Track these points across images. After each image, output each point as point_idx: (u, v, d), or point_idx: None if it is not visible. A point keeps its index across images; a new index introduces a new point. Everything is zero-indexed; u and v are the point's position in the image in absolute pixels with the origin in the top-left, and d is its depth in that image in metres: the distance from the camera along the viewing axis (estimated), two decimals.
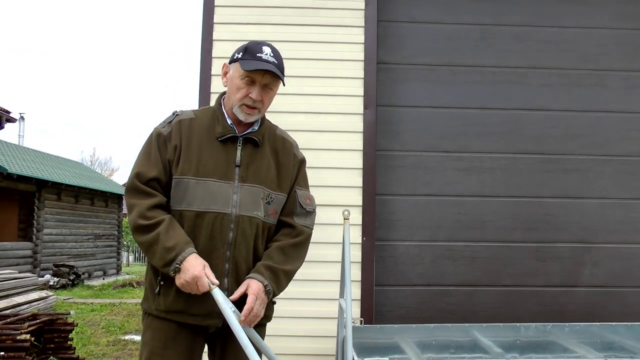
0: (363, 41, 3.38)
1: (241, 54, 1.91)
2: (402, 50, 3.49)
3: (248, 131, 1.95)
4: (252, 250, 1.92)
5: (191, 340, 1.89)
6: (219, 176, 1.88)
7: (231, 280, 1.88)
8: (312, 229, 2.04)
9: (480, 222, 3.40)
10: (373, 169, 3.31)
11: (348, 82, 3.36)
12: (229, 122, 1.94)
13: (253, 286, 1.82)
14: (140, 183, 1.86)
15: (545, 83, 3.50)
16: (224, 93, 2.02)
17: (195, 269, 1.75)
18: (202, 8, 3.37)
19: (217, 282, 1.78)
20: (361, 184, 3.29)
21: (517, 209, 3.41)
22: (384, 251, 3.35)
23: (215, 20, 3.36)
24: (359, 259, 3.23)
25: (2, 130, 13.80)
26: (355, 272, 3.19)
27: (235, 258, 1.88)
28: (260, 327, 1.97)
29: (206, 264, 1.80)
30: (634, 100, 3.52)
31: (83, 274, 15.16)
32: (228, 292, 1.86)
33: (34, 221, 14.20)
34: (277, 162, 1.99)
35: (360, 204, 3.27)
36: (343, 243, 2.49)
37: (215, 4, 3.38)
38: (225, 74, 1.99)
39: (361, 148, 3.31)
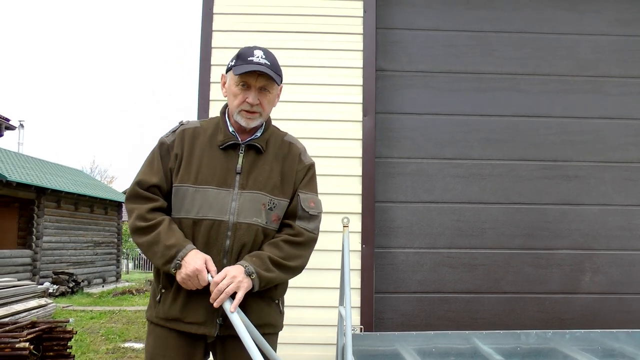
0: (362, 48, 3.39)
1: (234, 61, 1.92)
2: (401, 57, 3.50)
3: (250, 138, 1.95)
4: None
5: (190, 349, 1.88)
6: (218, 183, 1.87)
7: None
8: (315, 234, 1.94)
9: (480, 229, 3.39)
10: (372, 176, 3.31)
11: (347, 89, 3.36)
12: (231, 129, 1.94)
13: (229, 268, 1.80)
14: (141, 189, 1.88)
15: (543, 89, 3.51)
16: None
17: (196, 262, 1.76)
18: (201, 16, 3.38)
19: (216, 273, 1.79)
20: (360, 191, 3.28)
21: (517, 215, 3.41)
22: (384, 258, 3.34)
23: (214, 28, 3.38)
24: (359, 266, 3.23)
25: (2, 137, 13.81)
26: (354, 280, 3.19)
27: None
28: (270, 337, 1.93)
29: (208, 257, 1.80)
30: (632, 106, 3.53)
31: (82, 281, 15.13)
32: None
33: (34, 229, 14.17)
34: (282, 168, 1.96)
35: (360, 211, 3.26)
36: (342, 250, 2.49)
37: (214, 11, 3.39)
38: (224, 84, 2.00)
39: (360, 155, 3.31)
